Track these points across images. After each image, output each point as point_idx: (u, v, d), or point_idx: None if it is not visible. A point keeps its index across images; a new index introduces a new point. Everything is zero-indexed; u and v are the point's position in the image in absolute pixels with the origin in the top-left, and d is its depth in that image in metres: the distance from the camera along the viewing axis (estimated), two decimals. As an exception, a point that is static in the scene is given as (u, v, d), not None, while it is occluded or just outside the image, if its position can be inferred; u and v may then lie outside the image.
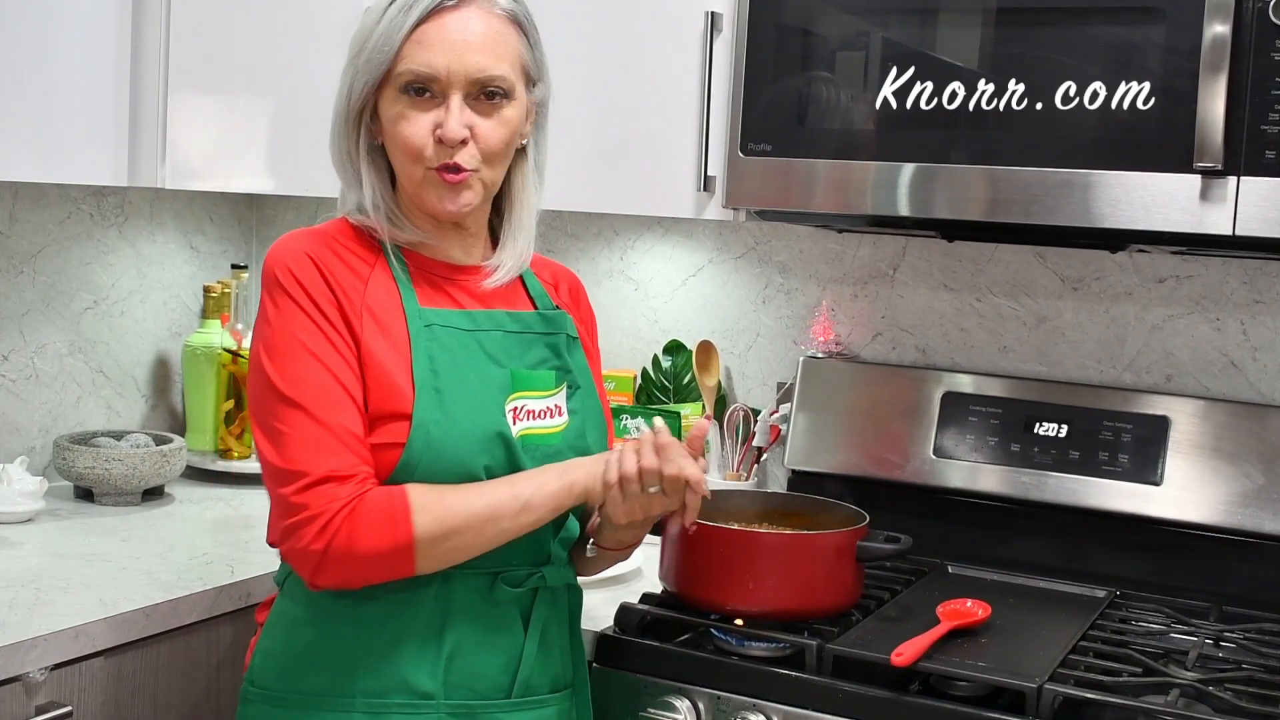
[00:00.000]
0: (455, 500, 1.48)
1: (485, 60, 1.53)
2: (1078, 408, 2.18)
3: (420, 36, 1.52)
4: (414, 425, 1.50)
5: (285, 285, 1.52)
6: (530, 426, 1.59)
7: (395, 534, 1.45)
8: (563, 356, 1.66)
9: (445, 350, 1.55)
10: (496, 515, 1.48)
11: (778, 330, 2.50)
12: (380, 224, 1.58)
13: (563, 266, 1.80)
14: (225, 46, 2.29)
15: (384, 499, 1.46)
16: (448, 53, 1.51)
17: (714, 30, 2.10)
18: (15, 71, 2.03)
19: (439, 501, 1.47)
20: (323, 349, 1.49)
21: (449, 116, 1.52)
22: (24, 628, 1.69)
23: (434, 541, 1.46)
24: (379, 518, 1.44)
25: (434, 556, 1.48)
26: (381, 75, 1.54)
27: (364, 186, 1.59)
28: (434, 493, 1.48)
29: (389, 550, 1.45)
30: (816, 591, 1.83)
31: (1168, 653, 1.85)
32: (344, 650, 1.53)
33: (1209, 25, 1.72)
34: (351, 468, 1.46)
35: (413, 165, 1.55)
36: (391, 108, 1.55)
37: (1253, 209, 1.74)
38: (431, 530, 1.46)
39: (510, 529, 1.50)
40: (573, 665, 1.67)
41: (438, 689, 1.53)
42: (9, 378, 2.43)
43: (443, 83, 1.52)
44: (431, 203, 1.56)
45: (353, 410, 1.49)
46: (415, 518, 1.45)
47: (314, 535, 1.44)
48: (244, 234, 2.90)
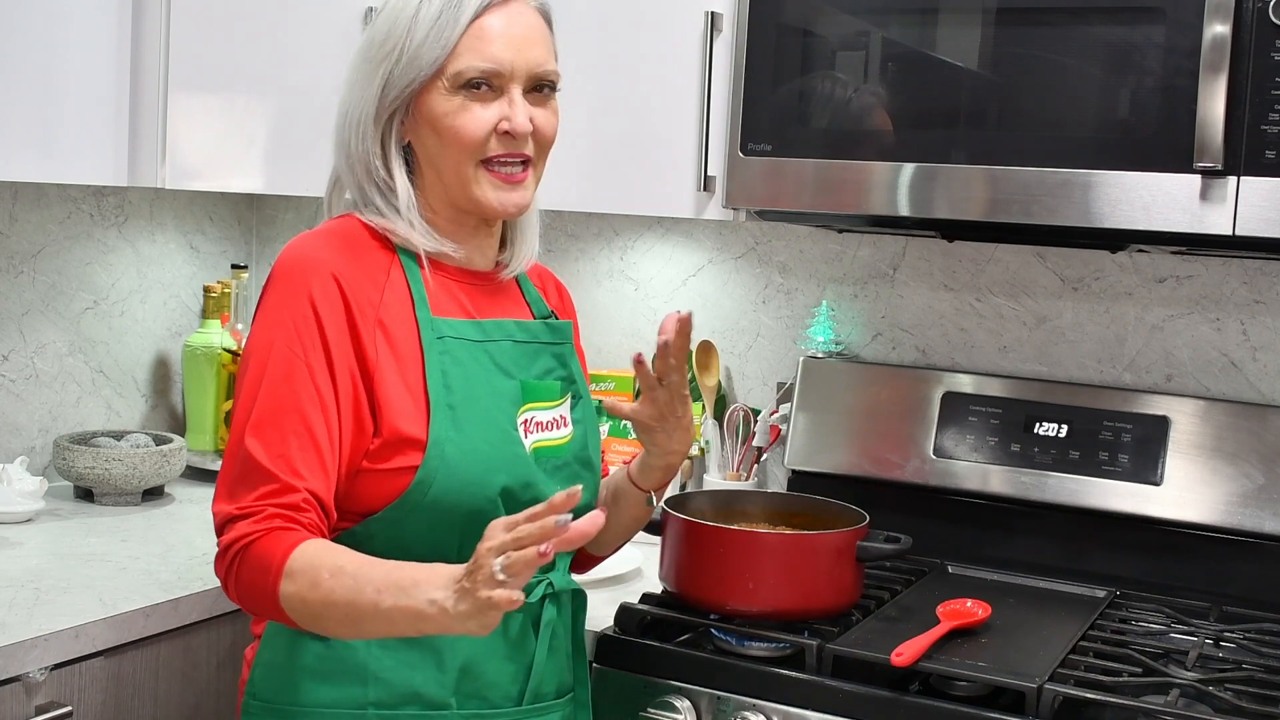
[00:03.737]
0: (324, 579, 1.37)
1: (542, 54, 1.55)
2: (1078, 408, 2.18)
3: (478, 32, 1.52)
4: (429, 443, 1.47)
5: (296, 302, 1.48)
6: (541, 439, 1.58)
7: (266, 584, 1.39)
8: (567, 366, 1.66)
9: (457, 364, 1.53)
10: (356, 611, 1.35)
11: (778, 330, 2.50)
12: (408, 232, 1.55)
13: (545, 268, 1.78)
14: (225, 46, 2.29)
15: (273, 546, 1.39)
16: (510, 48, 1.52)
17: (714, 30, 2.10)
18: (16, 71, 2.03)
19: (310, 572, 1.37)
20: (303, 380, 1.45)
21: (515, 109, 1.53)
22: (24, 628, 1.69)
23: (301, 611, 1.39)
24: (261, 563, 1.40)
25: (307, 624, 1.40)
26: (432, 73, 1.52)
27: (398, 190, 1.56)
28: (315, 558, 1.38)
29: (261, 595, 1.40)
30: (816, 591, 1.83)
31: (1168, 653, 1.85)
32: (355, 662, 1.51)
33: (1209, 25, 1.72)
34: (260, 502, 1.42)
35: (467, 162, 1.53)
36: (444, 104, 1.52)
37: (1253, 209, 1.74)
38: (291, 597, 1.38)
39: (370, 630, 1.38)
40: (575, 669, 1.66)
41: (450, 699, 1.52)
42: (9, 378, 2.43)
43: (505, 77, 1.53)
44: (488, 201, 1.55)
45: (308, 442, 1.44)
46: (283, 581, 1.38)
47: (220, 566, 1.44)
48: (244, 234, 2.90)
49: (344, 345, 1.48)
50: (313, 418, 1.45)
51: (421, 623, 1.33)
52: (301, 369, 1.46)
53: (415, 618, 1.32)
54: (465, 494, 1.48)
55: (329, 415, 1.46)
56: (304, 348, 1.46)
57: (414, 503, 1.48)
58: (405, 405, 1.49)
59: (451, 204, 1.58)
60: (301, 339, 1.47)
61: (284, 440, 1.44)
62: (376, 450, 1.48)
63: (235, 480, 1.45)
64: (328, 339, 1.47)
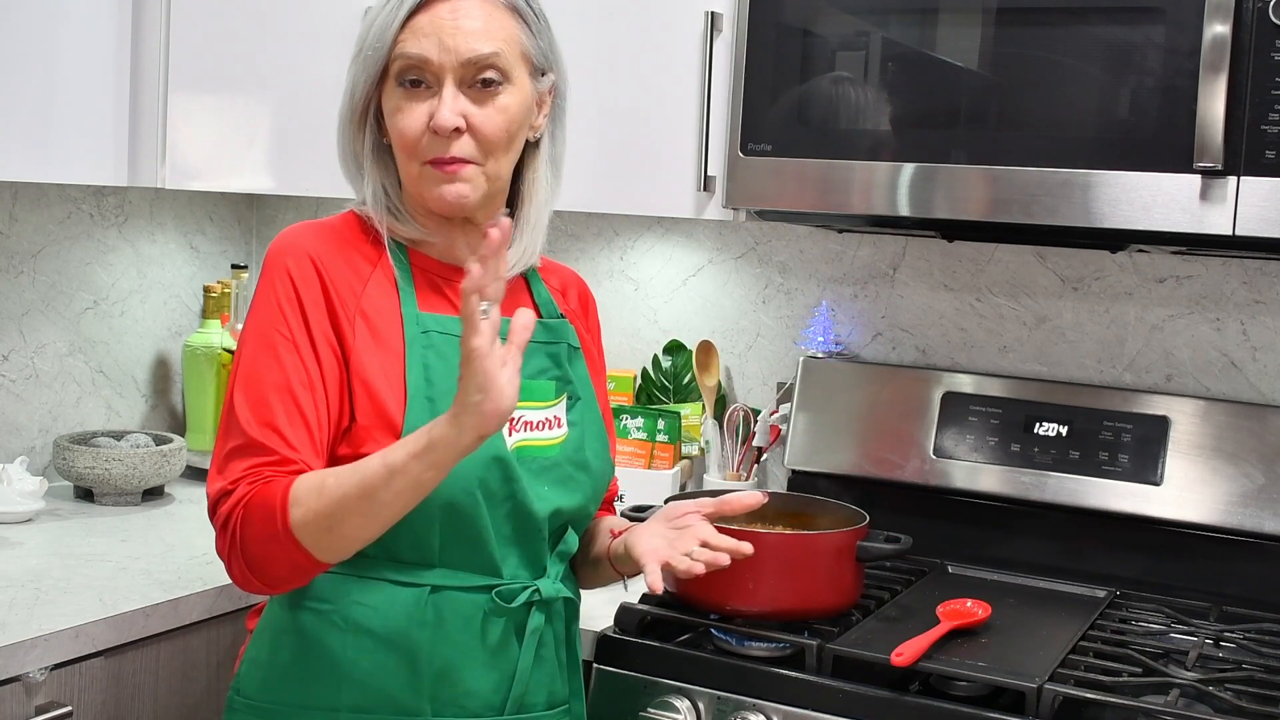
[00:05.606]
0: (330, 481, 1.40)
1: (479, 44, 1.50)
2: (1078, 408, 2.18)
3: (413, 25, 1.51)
4: (404, 435, 1.46)
5: (276, 281, 1.50)
6: (527, 438, 1.56)
7: (278, 525, 1.39)
8: (563, 366, 1.63)
9: (441, 358, 1.52)
10: (368, 490, 1.38)
11: (778, 330, 2.50)
12: (380, 217, 1.56)
13: (573, 272, 1.77)
14: (225, 46, 2.30)
15: (271, 492, 1.41)
16: (439, 38, 1.49)
17: (714, 30, 2.10)
18: (15, 71, 2.03)
19: (312, 488, 1.40)
20: (288, 353, 1.47)
21: (441, 105, 1.49)
22: (24, 628, 1.69)
23: (316, 529, 1.39)
24: (264, 512, 1.40)
25: (322, 543, 1.40)
26: (379, 70, 1.53)
27: (365, 181, 1.57)
28: (312, 479, 1.41)
29: (273, 540, 1.40)
30: (816, 591, 1.83)
31: (1168, 653, 1.85)
32: (329, 662, 1.50)
33: (1209, 25, 1.72)
34: (251, 472, 1.43)
35: (410, 159, 1.53)
36: (390, 100, 1.54)
37: (1253, 209, 1.74)
38: (305, 519, 1.39)
39: (391, 501, 1.39)
40: (569, 680, 1.63)
41: (424, 706, 1.50)
42: (9, 378, 2.43)
43: (435, 68, 1.50)
44: (430, 197, 1.54)
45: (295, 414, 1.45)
46: (291, 511, 1.39)
47: (221, 545, 1.44)
48: (244, 234, 2.90)
49: (322, 322, 1.49)
50: (299, 392, 1.46)
51: (433, 451, 1.34)
52: (286, 345, 1.47)
53: (426, 450, 1.34)
54: (442, 487, 1.44)
55: (314, 388, 1.47)
56: (286, 324, 1.48)
57: None
58: (383, 393, 1.49)
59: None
60: (285, 315, 1.49)
61: (272, 414, 1.45)
62: (352, 434, 1.49)
63: (226, 456, 1.46)
64: (306, 314, 1.49)
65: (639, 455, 2.42)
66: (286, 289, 1.50)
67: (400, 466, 1.36)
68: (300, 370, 1.47)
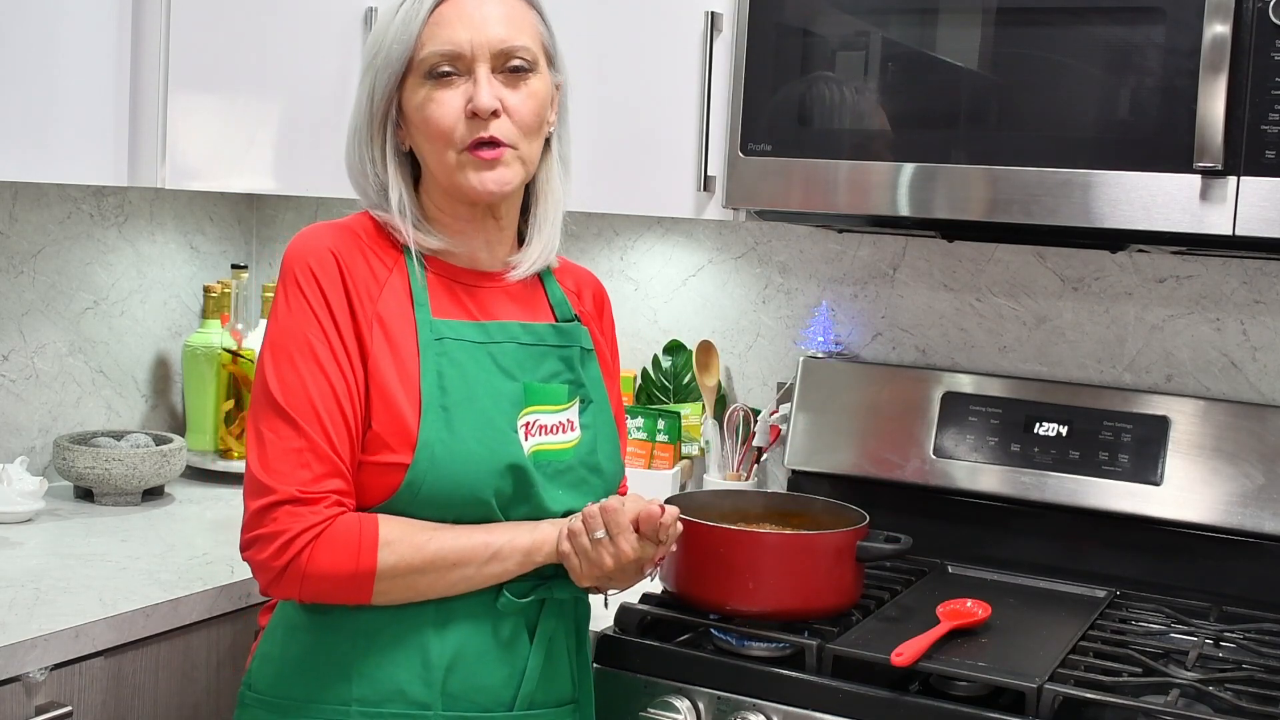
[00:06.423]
0: (424, 539, 1.47)
1: (506, 31, 1.54)
2: (1078, 408, 2.18)
3: (437, 19, 1.53)
4: (419, 445, 1.48)
5: (303, 283, 1.51)
6: (542, 442, 1.58)
7: (358, 563, 1.44)
8: (575, 370, 1.64)
9: (455, 365, 1.53)
10: (464, 561, 1.48)
11: (778, 330, 2.50)
12: (407, 230, 1.57)
13: (589, 273, 1.78)
14: (225, 46, 2.29)
15: (354, 526, 1.45)
16: (468, 27, 1.52)
17: (714, 30, 2.10)
18: (15, 71, 2.03)
19: (408, 539, 1.47)
20: (326, 357, 1.48)
21: (479, 88, 1.52)
22: (24, 628, 1.69)
23: (395, 577, 1.46)
24: (345, 544, 1.44)
25: (391, 591, 1.47)
26: (403, 68, 1.54)
27: (390, 191, 1.57)
28: (405, 528, 1.47)
29: (348, 576, 1.45)
30: (816, 591, 1.83)
31: (1168, 653, 1.85)
32: (340, 657, 1.51)
33: (1209, 25, 1.72)
34: (321, 489, 1.45)
35: (445, 149, 1.54)
36: (416, 96, 1.54)
37: (1253, 209, 1.74)
38: (394, 566, 1.46)
39: (474, 577, 1.49)
40: (578, 679, 1.64)
41: (434, 699, 1.51)
42: (9, 378, 2.43)
43: (467, 58, 1.52)
44: (470, 185, 1.54)
45: (342, 427, 1.47)
46: (381, 552, 1.45)
47: (274, 552, 1.45)
48: (244, 234, 2.90)
49: (348, 324, 1.51)
50: (344, 403, 1.48)
51: (535, 555, 1.51)
52: (325, 349, 1.49)
53: (531, 550, 1.51)
54: (458, 495, 1.49)
55: (354, 399, 1.49)
56: (321, 328, 1.49)
57: (407, 501, 1.49)
58: (400, 402, 1.50)
59: (448, 197, 1.59)
60: (318, 318, 1.50)
61: (326, 428, 1.47)
62: (368, 441, 1.50)
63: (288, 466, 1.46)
64: (335, 317, 1.50)
65: (639, 455, 2.42)
66: (313, 291, 1.50)
67: (502, 553, 1.50)
68: (341, 379, 1.49)
